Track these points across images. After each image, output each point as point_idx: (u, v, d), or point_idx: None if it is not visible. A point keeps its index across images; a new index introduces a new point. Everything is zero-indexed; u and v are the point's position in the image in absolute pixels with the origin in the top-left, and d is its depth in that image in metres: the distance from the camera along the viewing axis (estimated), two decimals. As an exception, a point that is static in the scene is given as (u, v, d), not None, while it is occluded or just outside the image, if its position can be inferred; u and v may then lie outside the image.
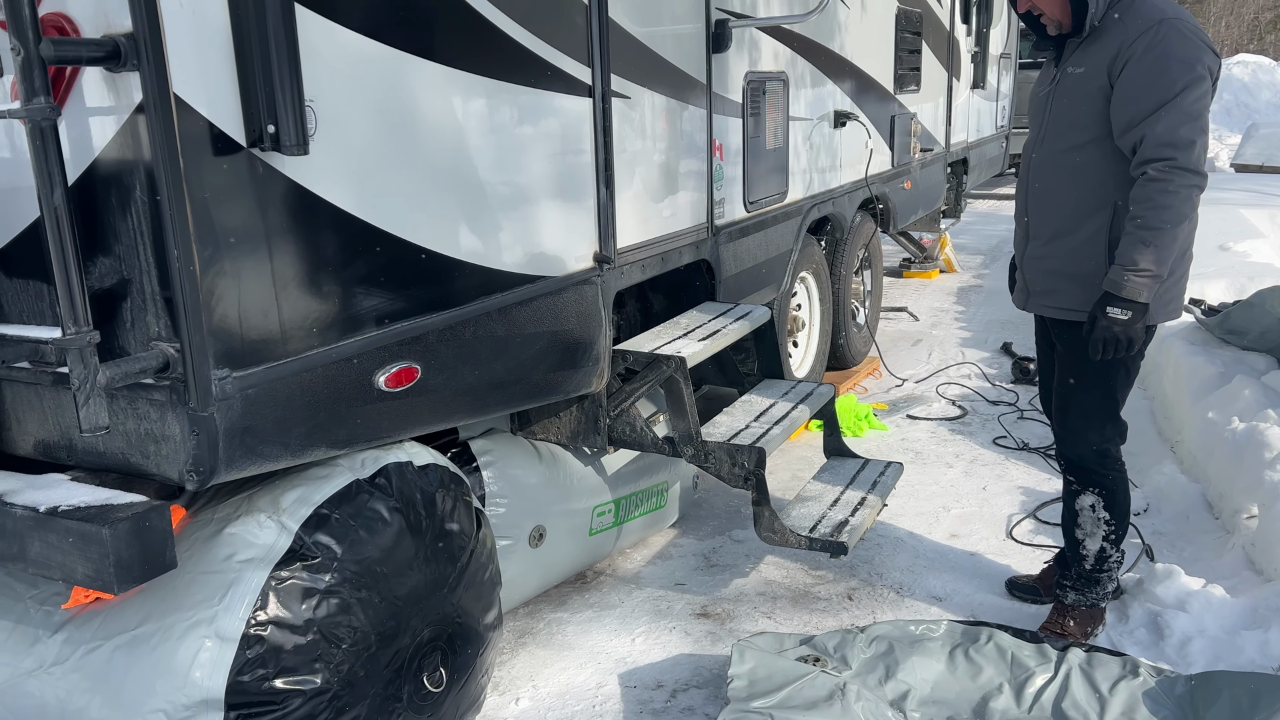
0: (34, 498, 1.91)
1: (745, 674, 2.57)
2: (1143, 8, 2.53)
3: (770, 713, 2.40)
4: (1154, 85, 2.45)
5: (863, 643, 2.68)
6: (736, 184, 3.76)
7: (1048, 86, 2.74)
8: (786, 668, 2.57)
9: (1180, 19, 2.49)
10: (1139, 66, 2.47)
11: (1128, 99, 2.49)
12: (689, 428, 3.02)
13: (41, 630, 2.09)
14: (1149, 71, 2.45)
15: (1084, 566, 2.88)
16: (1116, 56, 2.50)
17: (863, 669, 2.63)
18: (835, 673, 2.57)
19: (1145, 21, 2.49)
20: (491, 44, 2.39)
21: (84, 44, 1.66)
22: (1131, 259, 2.47)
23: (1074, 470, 2.84)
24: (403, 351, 2.21)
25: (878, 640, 2.69)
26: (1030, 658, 2.60)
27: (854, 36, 4.84)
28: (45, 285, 1.93)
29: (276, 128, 1.81)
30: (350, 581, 2.11)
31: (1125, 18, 2.53)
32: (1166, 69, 2.44)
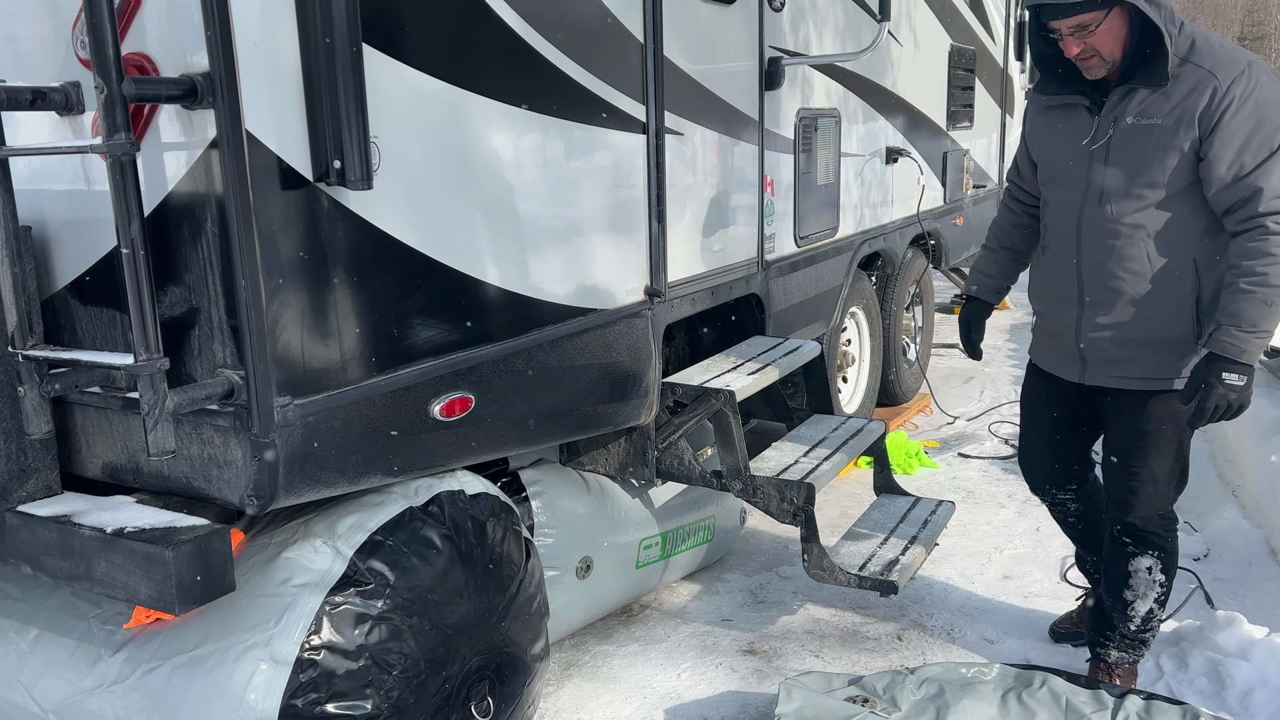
0: (101, 519, 1.97)
1: (793, 713, 2.54)
2: (1217, 49, 2.31)
3: None
4: (1258, 134, 2.25)
5: (913, 684, 2.64)
6: (787, 219, 3.77)
7: (1091, 139, 2.43)
8: (834, 708, 2.53)
9: (1259, 59, 2.32)
10: (1239, 115, 2.25)
11: (1230, 152, 2.26)
12: (737, 462, 3.02)
13: (103, 649, 2.14)
14: (1249, 119, 2.25)
15: (1130, 627, 2.76)
16: (1209, 106, 2.26)
17: (912, 711, 2.58)
18: (884, 714, 2.54)
19: (1232, 65, 2.27)
20: (550, 82, 2.44)
21: (163, 83, 1.73)
22: (1251, 321, 2.27)
23: (1132, 534, 2.68)
24: (458, 382, 2.25)
25: (928, 682, 2.65)
26: (1086, 704, 2.54)
27: (907, 73, 4.85)
28: (118, 313, 2.00)
29: (342, 163, 1.86)
30: (402, 608, 2.14)
31: (1202, 61, 2.29)
32: (1269, 116, 2.25)
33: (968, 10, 5.71)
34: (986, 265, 2.95)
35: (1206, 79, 2.27)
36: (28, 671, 2.21)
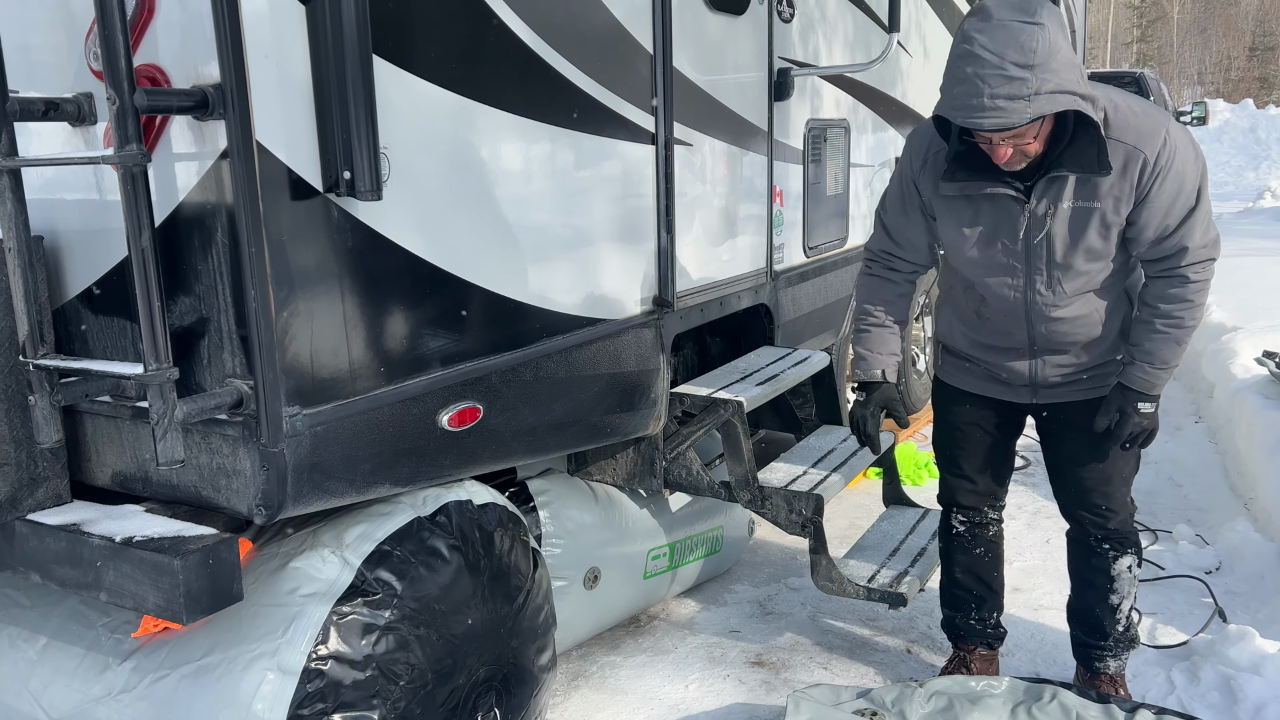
0: (110, 528, 1.97)
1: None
2: (1133, 118, 2.25)
3: None
4: (1180, 196, 2.27)
5: (922, 698, 2.62)
6: (796, 229, 3.77)
7: (1029, 230, 2.35)
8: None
9: (1170, 119, 2.27)
10: (1165, 184, 2.25)
11: (1157, 218, 2.28)
12: (746, 472, 3.01)
13: (111, 658, 2.15)
14: (1174, 184, 2.25)
15: (1119, 629, 2.79)
16: (1141, 181, 2.25)
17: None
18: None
19: (1154, 136, 2.23)
20: (559, 93, 2.45)
21: (175, 94, 1.74)
22: (1164, 359, 2.41)
23: (1111, 538, 2.72)
24: (466, 392, 2.25)
25: (937, 696, 2.64)
26: (1096, 718, 2.52)
27: (916, 84, 4.85)
28: (128, 323, 2.01)
29: (352, 174, 1.87)
30: (409, 618, 2.14)
31: (1125, 136, 2.23)
32: (1186, 175, 2.26)
33: (977, 21, 5.71)
34: (887, 343, 2.66)
35: (1134, 154, 2.24)
36: (36, 680, 2.21)
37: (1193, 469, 4.72)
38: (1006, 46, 2.05)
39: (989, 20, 2.09)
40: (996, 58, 2.05)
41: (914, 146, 2.50)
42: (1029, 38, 2.05)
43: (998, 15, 2.09)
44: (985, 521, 2.89)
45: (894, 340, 2.68)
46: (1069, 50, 2.12)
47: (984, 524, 2.90)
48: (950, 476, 2.87)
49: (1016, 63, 2.04)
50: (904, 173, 2.52)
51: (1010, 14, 2.08)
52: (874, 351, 2.67)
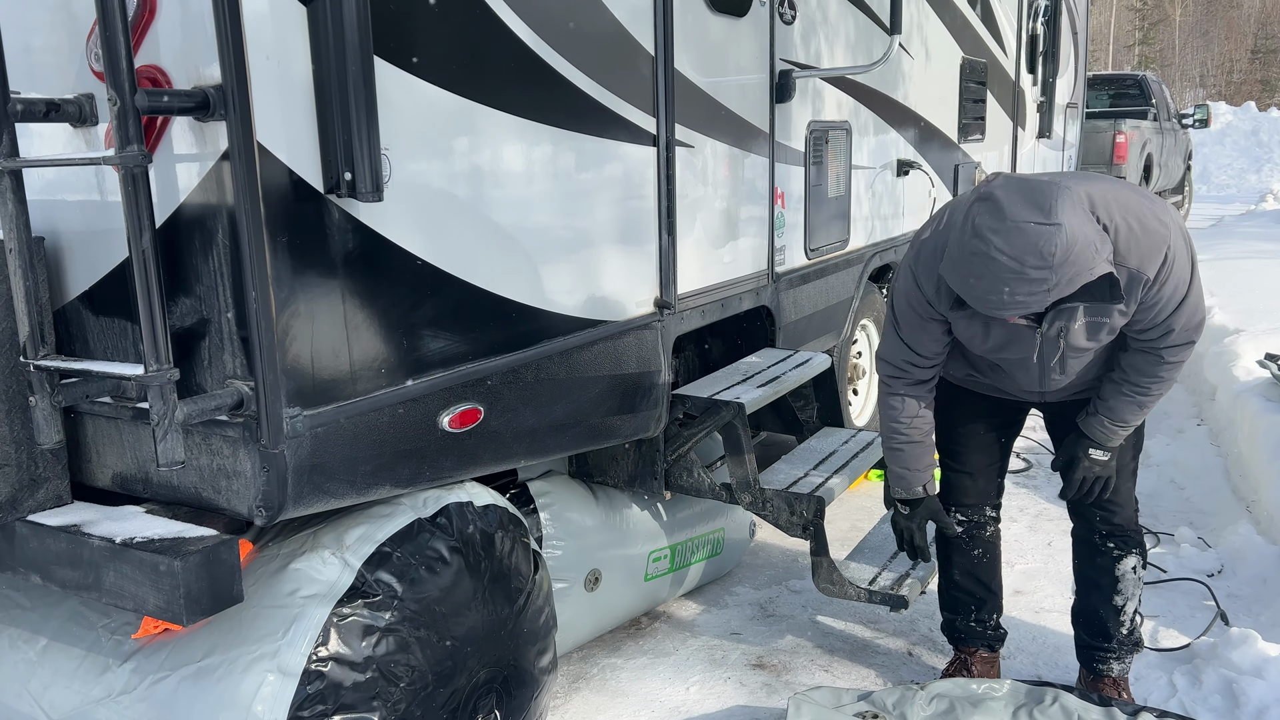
0: (110, 529, 1.97)
1: None
2: (1139, 238, 2.22)
3: None
4: (1174, 297, 2.31)
5: (923, 700, 2.62)
6: (798, 231, 3.77)
7: (1041, 352, 2.42)
8: None
9: (1174, 225, 2.25)
10: (1162, 292, 2.28)
11: (1151, 315, 2.33)
12: (747, 475, 3.01)
13: (111, 659, 2.15)
14: (1170, 288, 2.29)
15: (1123, 631, 2.79)
16: (1145, 297, 2.29)
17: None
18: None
19: (1155, 255, 2.23)
20: (560, 95, 2.45)
21: (176, 95, 1.74)
22: (1124, 418, 2.51)
23: (1116, 537, 2.74)
24: (467, 393, 2.25)
25: (938, 698, 2.63)
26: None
27: (918, 86, 4.85)
28: (129, 323, 2.01)
29: (353, 175, 1.87)
30: (410, 620, 2.13)
31: (1129, 260, 2.22)
32: (1181, 278, 2.30)
33: (979, 23, 5.71)
34: (921, 458, 2.65)
35: (1137, 277, 2.25)
36: (36, 681, 2.21)
37: (1195, 471, 4.72)
38: (1025, 252, 2.00)
39: (1004, 220, 2.02)
40: (1015, 263, 2.01)
41: (923, 274, 2.41)
42: (1047, 243, 2.00)
43: (1012, 215, 2.02)
44: (983, 521, 2.90)
45: (928, 453, 2.67)
46: (1086, 230, 2.05)
47: (982, 524, 2.90)
48: (953, 474, 2.87)
49: (1036, 266, 2.01)
50: (914, 294, 2.45)
51: (1026, 214, 2.02)
52: (911, 469, 2.65)
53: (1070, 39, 7.88)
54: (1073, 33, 7.99)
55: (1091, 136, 10.51)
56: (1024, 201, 2.04)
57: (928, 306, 2.44)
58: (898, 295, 2.53)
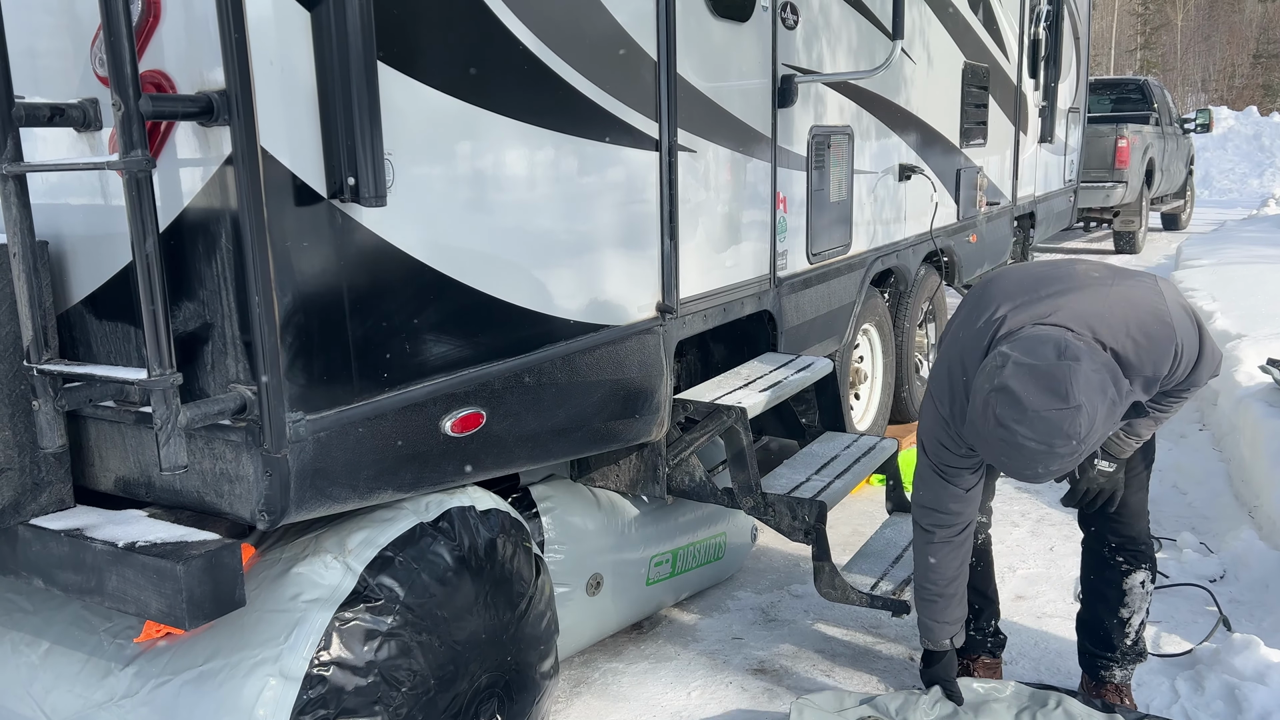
0: (113, 533, 1.97)
1: None
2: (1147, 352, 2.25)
3: None
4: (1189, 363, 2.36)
5: (926, 704, 2.62)
6: (800, 235, 3.77)
7: None
8: None
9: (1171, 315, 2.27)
10: (1176, 371, 2.34)
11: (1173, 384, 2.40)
12: (749, 479, 3.01)
13: (114, 663, 2.15)
14: (1183, 366, 2.35)
15: (1127, 643, 2.79)
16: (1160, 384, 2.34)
17: None
18: None
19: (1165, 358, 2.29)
20: (563, 99, 2.45)
21: (180, 100, 1.75)
22: (1138, 432, 2.58)
23: (1126, 550, 2.74)
24: (469, 397, 2.25)
25: (942, 702, 2.63)
26: None
27: (920, 91, 4.86)
28: (132, 328, 2.01)
29: (356, 180, 1.87)
30: (411, 624, 2.13)
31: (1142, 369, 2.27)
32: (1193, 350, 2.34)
33: (981, 28, 5.72)
34: (952, 611, 2.63)
35: (1152, 380, 2.30)
36: (38, 685, 2.21)
37: (1197, 477, 4.71)
38: (1052, 436, 2.04)
39: (1025, 412, 2.04)
40: (1044, 446, 2.05)
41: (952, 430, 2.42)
42: (1071, 425, 2.03)
43: (1031, 405, 2.03)
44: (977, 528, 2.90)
45: (960, 609, 2.65)
46: (1102, 398, 2.07)
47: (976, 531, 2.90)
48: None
49: (1064, 444, 2.05)
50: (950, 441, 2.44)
51: (1044, 401, 2.03)
52: (940, 622, 2.63)
53: (1072, 43, 7.88)
54: (1074, 37, 8.00)
55: (1093, 141, 10.51)
56: (1040, 390, 2.04)
57: (969, 451, 2.43)
58: (928, 441, 2.50)
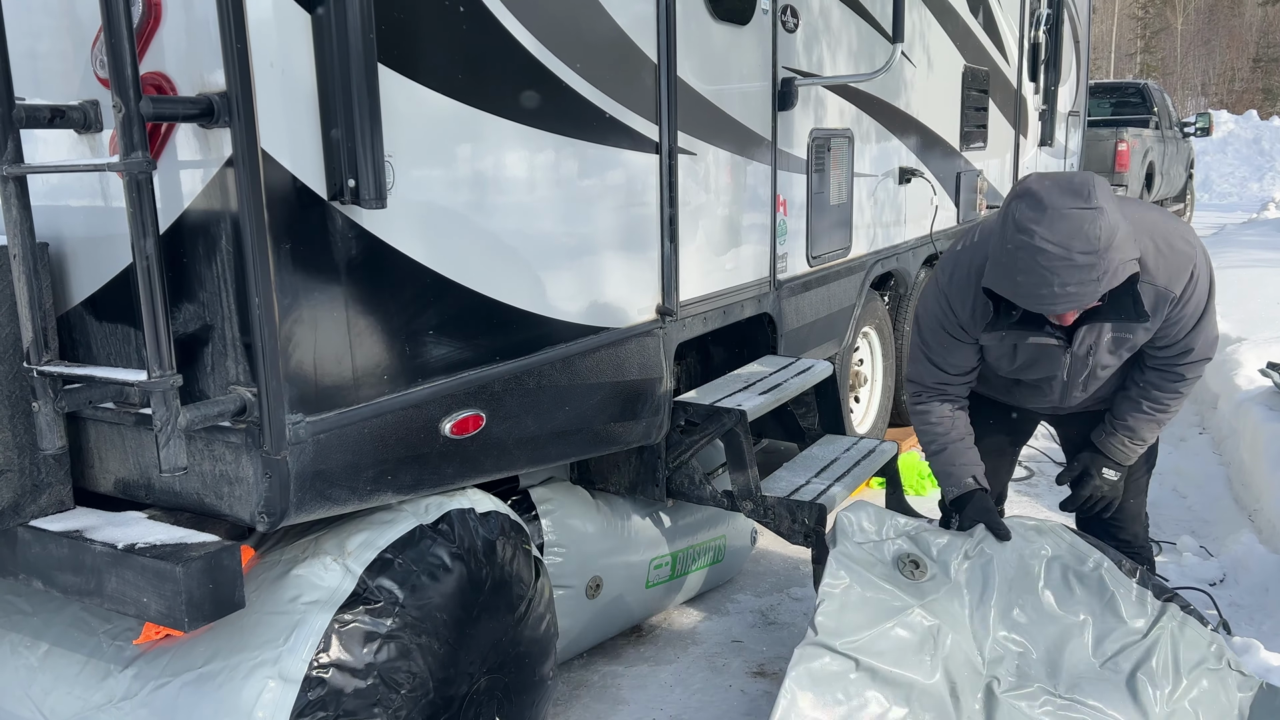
0: (112, 535, 1.97)
1: (838, 596, 2.31)
2: (1166, 258, 2.28)
3: (856, 657, 2.23)
4: (1195, 315, 2.37)
5: (969, 547, 2.44)
6: (800, 239, 3.77)
7: (1071, 371, 2.47)
8: (879, 600, 2.33)
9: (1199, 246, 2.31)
10: (1186, 310, 2.35)
11: (1173, 333, 2.39)
12: (748, 482, 3.01)
13: (113, 665, 2.14)
14: (1193, 308, 2.36)
15: None
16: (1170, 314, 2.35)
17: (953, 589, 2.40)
18: (932, 582, 2.36)
19: (1181, 274, 2.30)
20: (563, 102, 2.45)
21: (181, 102, 1.75)
22: (1142, 437, 2.57)
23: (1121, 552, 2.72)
24: (469, 400, 2.25)
25: (987, 542, 2.45)
26: (1127, 607, 2.40)
27: (920, 94, 4.86)
28: (132, 329, 2.01)
29: (356, 182, 1.87)
30: (411, 627, 2.13)
31: (1157, 279, 2.28)
32: (1203, 297, 2.36)
33: (981, 32, 5.72)
34: (964, 454, 2.61)
35: (1165, 295, 2.31)
36: (37, 686, 2.21)
37: (1197, 480, 4.71)
38: (1071, 237, 2.02)
39: (1044, 210, 2.04)
40: (1062, 250, 2.02)
41: (955, 292, 2.44)
42: (1091, 225, 2.02)
43: (1052, 203, 2.04)
44: None
45: (971, 451, 2.61)
46: (1121, 219, 2.08)
47: None
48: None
49: (1083, 251, 2.02)
50: (946, 315, 2.46)
51: (1066, 201, 2.03)
52: (957, 464, 2.60)
53: (1072, 47, 7.89)
54: (1074, 41, 8.00)
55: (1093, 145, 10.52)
56: (1061, 190, 2.05)
57: (960, 330, 2.44)
58: (926, 319, 2.51)
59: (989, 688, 2.30)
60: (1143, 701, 2.28)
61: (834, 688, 2.20)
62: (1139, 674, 2.33)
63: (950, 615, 2.35)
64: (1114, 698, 2.28)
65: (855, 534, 2.46)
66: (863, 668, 2.23)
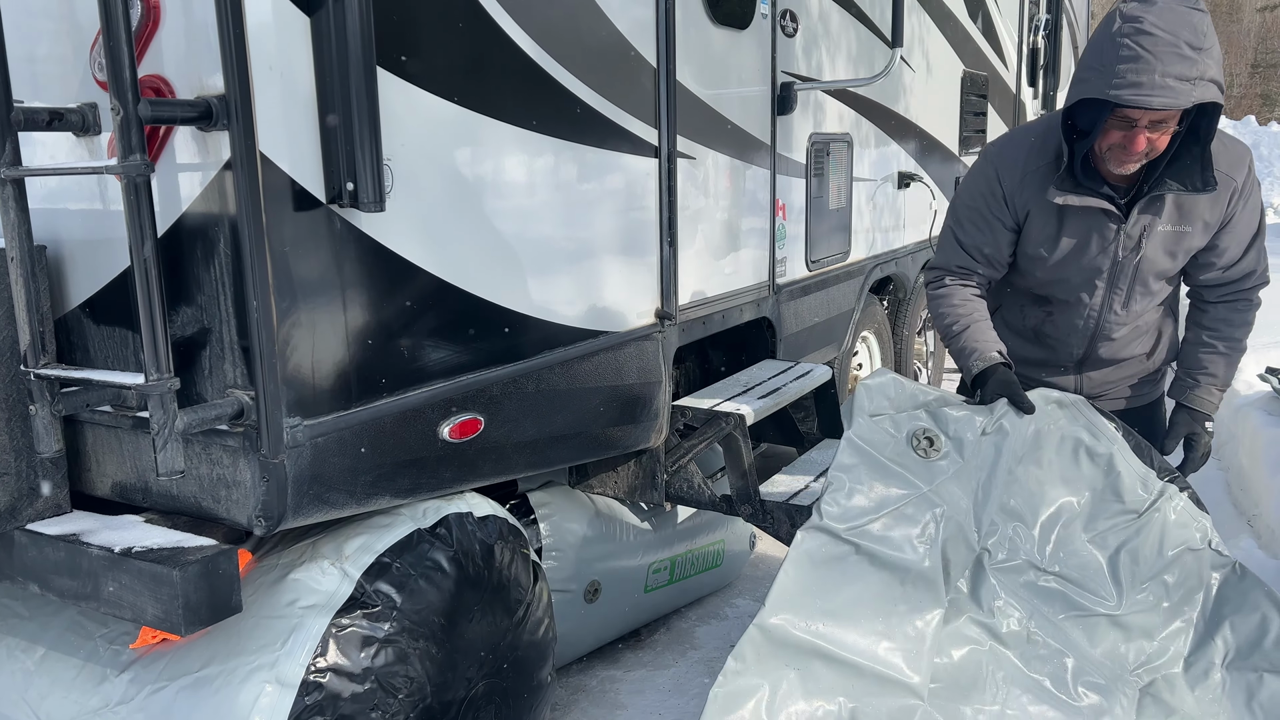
0: (109, 538, 1.97)
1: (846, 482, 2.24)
2: (1223, 147, 2.27)
3: (857, 542, 2.19)
4: (1254, 222, 2.35)
5: (988, 424, 2.34)
6: (799, 243, 3.77)
7: (1123, 247, 2.36)
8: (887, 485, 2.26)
9: (1245, 145, 2.33)
10: (1245, 211, 2.32)
11: (1234, 245, 2.35)
12: (747, 486, 3.00)
13: (109, 669, 2.14)
14: (1252, 212, 2.33)
15: None
16: (1229, 208, 2.30)
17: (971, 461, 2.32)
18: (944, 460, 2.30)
19: (1240, 163, 2.29)
20: (562, 106, 2.45)
21: (179, 104, 1.75)
22: (1226, 380, 2.51)
23: None
24: (467, 403, 2.25)
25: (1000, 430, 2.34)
26: (1130, 487, 2.34)
27: (919, 99, 4.86)
28: (130, 332, 2.01)
29: (355, 185, 1.87)
30: (408, 631, 2.13)
31: (1219, 164, 2.25)
32: (1259, 204, 2.33)
33: (980, 36, 5.73)
34: (985, 332, 2.48)
35: (1227, 182, 2.27)
36: (34, 690, 2.20)
37: (1195, 485, 4.68)
38: (1180, 27, 2.02)
39: (1153, 3, 2.06)
40: (1171, 36, 2.03)
41: (1005, 161, 2.40)
42: (1200, 20, 2.04)
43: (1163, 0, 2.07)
44: None
45: (992, 331, 2.49)
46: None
47: None
48: None
49: (1189, 43, 2.03)
50: (990, 188, 2.42)
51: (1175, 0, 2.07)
52: (979, 341, 2.46)
53: (1071, 52, 7.90)
54: (1073, 46, 8.02)
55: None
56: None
57: (1002, 204, 2.40)
58: (964, 196, 2.48)
59: (979, 560, 2.28)
60: (1120, 577, 2.27)
61: (831, 571, 2.18)
62: (1123, 551, 2.30)
63: (954, 497, 2.30)
64: (1092, 572, 2.28)
65: (874, 405, 2.36)
66: (862, 552, 2.20)
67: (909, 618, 2.16)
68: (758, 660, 2.08)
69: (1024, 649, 2.22)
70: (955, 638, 2.21)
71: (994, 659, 2.21)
